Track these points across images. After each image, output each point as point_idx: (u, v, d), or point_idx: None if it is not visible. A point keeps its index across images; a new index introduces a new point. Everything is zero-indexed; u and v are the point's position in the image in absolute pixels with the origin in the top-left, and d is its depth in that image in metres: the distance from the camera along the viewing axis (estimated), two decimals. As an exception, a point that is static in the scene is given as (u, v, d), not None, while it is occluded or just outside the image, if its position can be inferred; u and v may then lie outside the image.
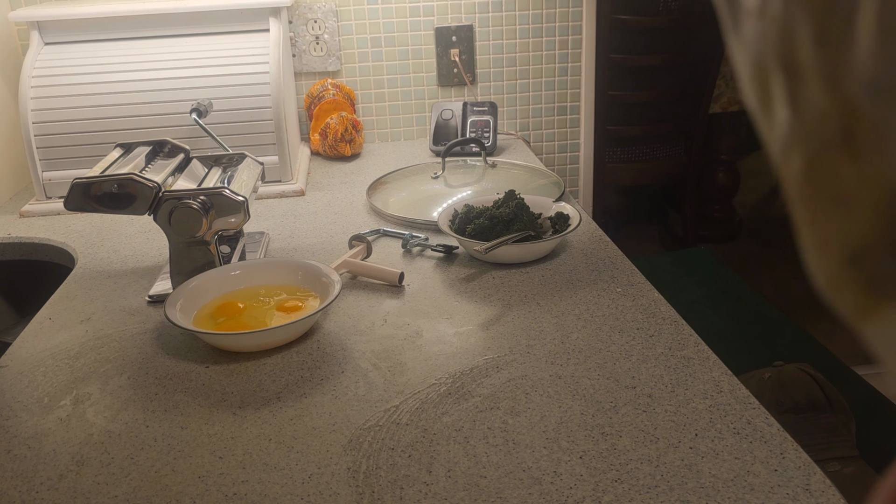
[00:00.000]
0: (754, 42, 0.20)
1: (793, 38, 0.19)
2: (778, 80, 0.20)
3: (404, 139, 1.66)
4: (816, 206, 0.20)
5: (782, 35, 0.19)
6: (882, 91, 0.17)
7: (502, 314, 0.88)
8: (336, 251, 1.08)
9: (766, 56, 0.20)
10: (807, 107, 0.19)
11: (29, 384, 0.79)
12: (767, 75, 0.20)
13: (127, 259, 1.08)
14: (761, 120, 0.21)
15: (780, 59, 0.19)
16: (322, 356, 0.81)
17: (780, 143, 0.20)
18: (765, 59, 0.20)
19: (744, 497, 0.58)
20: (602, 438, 0.66)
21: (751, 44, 0.20)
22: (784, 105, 0.20)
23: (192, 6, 1.33)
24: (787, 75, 0.19)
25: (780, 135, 0.20)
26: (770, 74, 0.20)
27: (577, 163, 1.74)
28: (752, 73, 0.21)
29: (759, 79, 0.20)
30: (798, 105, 0.19)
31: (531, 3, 1.60)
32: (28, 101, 1.27)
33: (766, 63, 0.20)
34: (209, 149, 1.20)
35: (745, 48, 0.21)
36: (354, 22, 1.57)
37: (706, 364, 0.76)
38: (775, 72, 0.20)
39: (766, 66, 0.20)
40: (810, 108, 0.19)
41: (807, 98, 0.19)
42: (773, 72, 0.20)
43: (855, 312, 0.19)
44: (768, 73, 0.20)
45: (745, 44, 0.21)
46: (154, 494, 0.62)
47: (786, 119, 0.20)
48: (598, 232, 1.10)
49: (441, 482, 0.62)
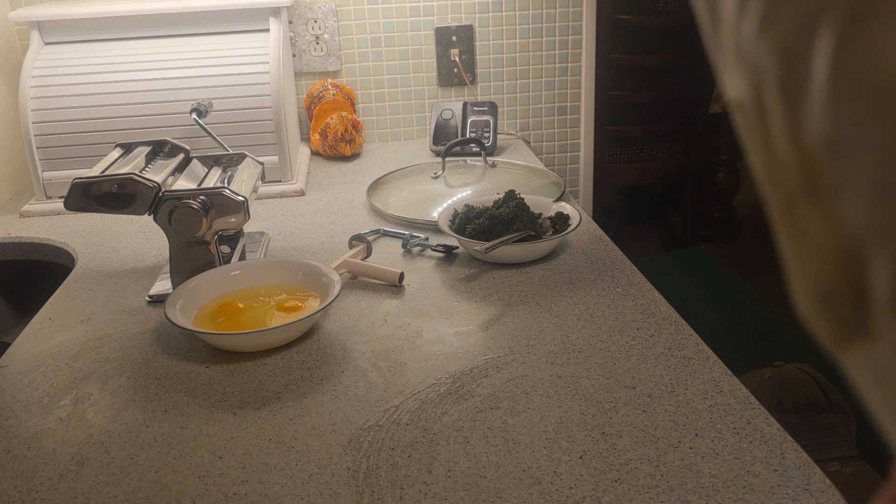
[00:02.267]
0: (733, 78, 0.20)
1: (762, 83, 0.19)
2: (753, 119, 0.20)
3: (404, 139, 1.66)
4: (793, 241, 0.20)
5: (753, 78, 0.19)
6: (834, 149, 0.17)
7: (502, 314, 0.88)
8: (336, 251, 1.08)
9: (742, 94, 0.20)
10: (776, 151, 0.19)
11: (29, 384, 0.79)
12: (745, 112, 0.20)
13: (127, 259, 1.08)
14: (746, 149, 0.21)
15: (753, 101, 0.19)
16: (322, 356, 0.81)
17: (762, 177, 0.20)
18: (742, 97, 0.20)
19: (744, 497, 0.58)
20: (602, 438, 0.66)
21: (730, 79, 0.20)
22: (760, 144, 0.20)
23: (192, 6, 1.33)
24: (760, 117, 0.19)
25: (761, 170, 0.20)
26: (747, 112, 0.20)
27: (577, 163, 1.74)
28: (735, 106, 0.21)
29: (740, 113, 0.21)
30: (770, 148, 0.19)
31: (531, 3, 1.59)
32: (28, 101, 1.27)
33: (743, 101, 0.20)
34: (209, 149, 1.20)
35: (727, 80, 0.21)
36: (354, 22, 1.57)
37: (706, 364, 0.76)
38: (751, 112, 0.20)
39: (744, 103, 0.20)
40: (779, 152, 0.19)
41: (775, 143, 0.19)
42: (749, 111, 0.20)
43: (831, 343, 0.20)
44: (746, 111, 0.20)
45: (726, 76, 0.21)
46: (154, 494, 0.62)
47: (763, 157, 0.20)
48: (598, 232, 1.10)
49: (441, 482, 0.62)
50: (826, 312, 0.19)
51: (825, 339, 0.20)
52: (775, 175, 0.20)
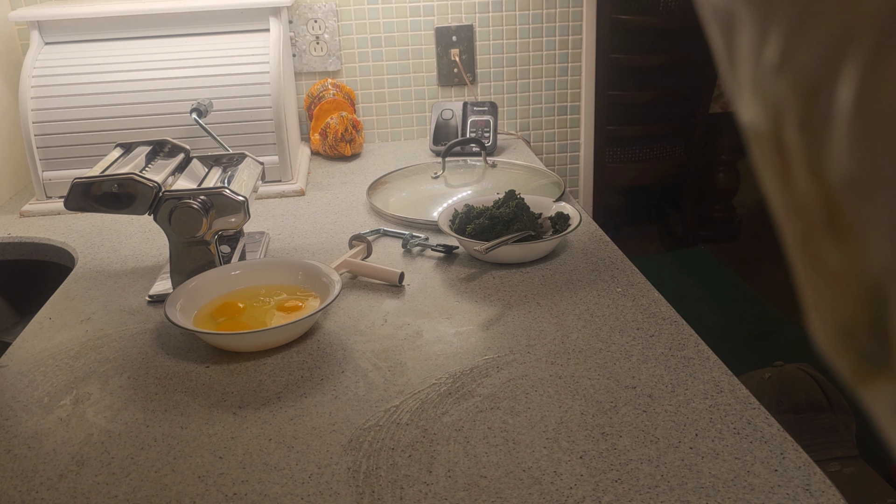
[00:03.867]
0: (749, 110, 0.20)
1: (781, 118, 0.19)
2: (771, 152, 0.20)
3: (404, 139, 1.66)
4: (811, 273, 0.20)
5: (772, 113, 0.19)
6: (857, 188, 0.17)
7: (502, 314, 0.88)
8: (336, 251, 1.08)
9: (760, 127, 0.20)
10: (795, 185, 0.19)
11: (29, 384, 0.79)
12: (763, 144, 0.20)
13: (127, 259, 1.08)
14: (761, 178, 0.21)
15: (772, 135, 0.19)
16: (322, 356, 0.81)
17: (778, 207, 0.20)
18: (759, 130, 0.20)
19: (744, 497, 0.58)
20: (602, 438, 0.66)
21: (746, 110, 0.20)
22: (778, 176, 0.20)
23: (192, 6, 1.33)
24: (778, 151, 0.19)
25: (777, 200, 0.20)
26: (765, 145, 0.20)
27: (577, 163, 1.74)
28: (751, 135, 0.21)
29: (756, 143, 0.20)
30: (788, 180, 0.19)
31: (531, 3, 1.59)
32: (28, 101, 1.27)
33: (761, 134, 0.20)
34: (209, 149, 1.20)
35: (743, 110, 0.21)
36: (354, 22, 1.57)
37: (706, 364, 0.76)
38: (769, 145, 0.20)
39: (761, 136, 0.20)
40: (798, 186, 0.19)
41: (794, 177, 0.19)
42: (767, 144, 0.20)
43: (851, 377, 0.19)
44: (763, 143, 0.20)
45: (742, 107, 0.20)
46: (154, 494, 0.62)
47: (780, 189, 0.20)
48: (598, 232, 1.10)
49: (441, 482, 0.62)
50: (847, 347, 0.19)
51: (845, 372, 0.19)
52: (793, 206, 0.19)
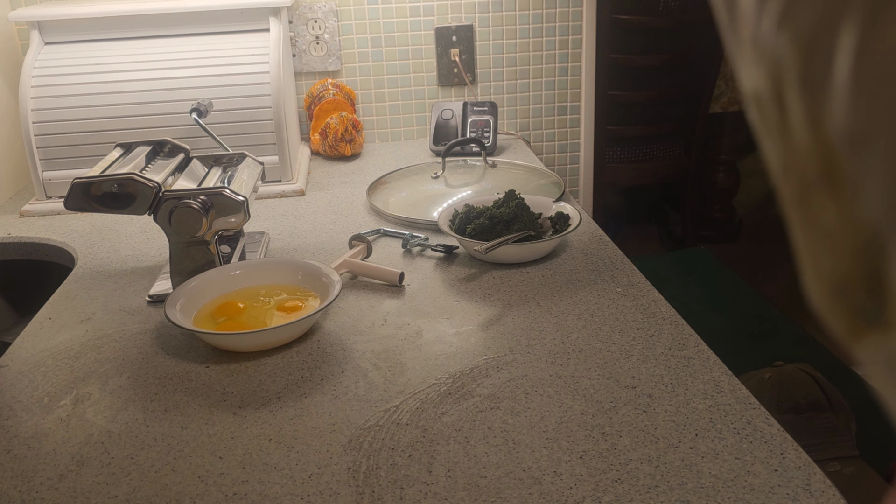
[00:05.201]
0: (750, 71, 0.20)
1: (781, 75, 0.19)
2: (771, 111, 0.20)
3: (404, 139, 1.66)
4: (807, 232, 0.20)
5: (772, 71, 0.19)
6: (855, 142, 0.17)
7: (502, 314, 0.88)
8: (336, 251, 1.08)
9: (760, 86, 0.20)
10: (794, 142, 0.19)
11: (29, 384, 0.79)
12: (763, 104, 0.20)
13: (127, 259, 1.08)
14: (761, 140, 0.21)
15: (772, 93, 0.19)
16: (322, 356, 0.81)
17: (777, 168, 0.21)
18: (759, 89, 0.20)
19: (744, 497, 0.58)
20: (602, 438, 0.66)
21: (747, 71, 0.21)
22: (777, 135, 0.20)
23: (192, 6, 1.33)
24: (778, 109, 0.19)
25: (776, 161, 0.20)
26: (765, 103, 0.20)
27: (577, 163, 1.74)
28: (751, 98, 0.21)
29: (757, 104, 0.21)
30: (787, 139, 0.19)
31: (531, 3, 1.59)
32: (28, 101, 1.27)
33: (761, 93, 0.20)
34: (209, 149, 1.20)
35: (743, 72, 0.21)
36: (354, 22, 1.57)
37: (706, 364, 0.76)
38: (769, 103, 0.20)
39: (761, 95, 0.20)
40: (797, 143, 0.19)
41: (793, 134, 0.19)
42: (767, 102, 0.20)
43: (845, 334, 0.20)
44: (763, 102, 0.20)
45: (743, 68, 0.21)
46: (154, 494, 0.62)
47: (780, 148, 0.20)
48: (598, 232, 1.10)
49: (441, 482, 0.62)
50: (841, 304, 0.19)
51: (839, 329, 0.20)
52: (791, 165, 0.20)
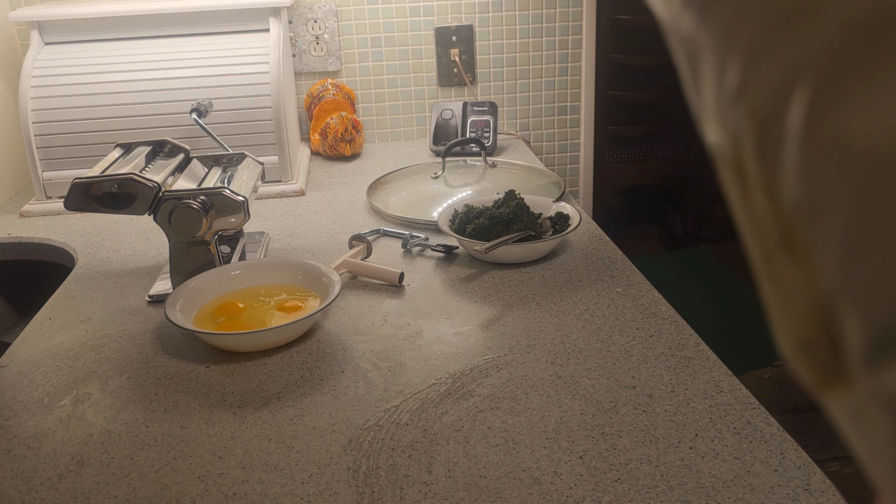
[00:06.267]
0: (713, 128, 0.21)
1: (740, 145, 0.20)
2: (733, 176, 0.21)
3: (404, 139, 1.66)
4: (774, 289, 0.21)
5: (732, 140, 0.20)
6: (807, 213, 0.18)
7: (502, 314, 0.88)
8: (336, 251, 1.08)
9: (721, 145, 0.21)
10: (755, 208, 0.20)
11: (29, 384, 0.79)
12: (725, 166, 0.21)
13: (127, 259, 1.08)
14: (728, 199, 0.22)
15: (733, 160, 0.20)
16: (322, 356, 0.81)
17: (744, 227, 0.21)
18: (721, 147, 0.21)
19: (744, 497, 0.58)
20: (602, 438, 0.66)
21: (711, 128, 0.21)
22: (738, 197, 0.21)
23: (192, 6, 1.33)
24: (738, 175, 0.20)
25: (741, 221, 0.21)
26: (728, 169, 0.21)
27: (577, 163, 1.74)
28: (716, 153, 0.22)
29: (720, 160, 0.21)
30: (749, 204, 0.20)
31: (531, 3, 1.59)
32: (28, 101, 1.27)
33: (723, 152, 0.21)
34: (209, 149, 1.20)
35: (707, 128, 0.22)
36: (354, 22, 1.57)
37: (706, 364, 0.76)
38: (730, 170, 0.21)
39: (723, 154, 0.21)
40: (757, 210, 0.20)
41: (754, 201, 0.20)
42: (729, 169, 0.21)
43: (813, 386, 0.21)
44: (726, 164, 0.21)
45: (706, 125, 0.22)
46: (154, 494, 0.62)
47: (743, 211, 0.21)
48: (598, 232, 1.10)
49: (441, 482, 0.62)
50: (807, 358, 0.20)
51: (808, 380, 0.21)
52: (755, 228, 0.21)
